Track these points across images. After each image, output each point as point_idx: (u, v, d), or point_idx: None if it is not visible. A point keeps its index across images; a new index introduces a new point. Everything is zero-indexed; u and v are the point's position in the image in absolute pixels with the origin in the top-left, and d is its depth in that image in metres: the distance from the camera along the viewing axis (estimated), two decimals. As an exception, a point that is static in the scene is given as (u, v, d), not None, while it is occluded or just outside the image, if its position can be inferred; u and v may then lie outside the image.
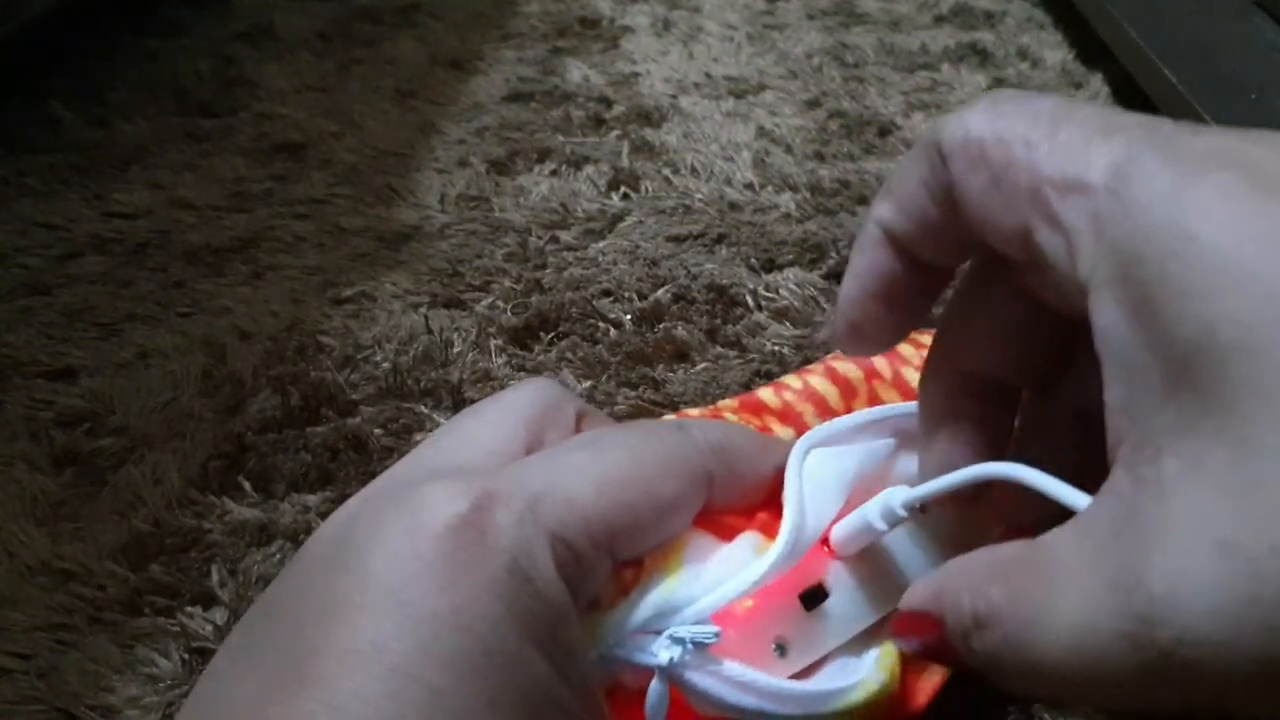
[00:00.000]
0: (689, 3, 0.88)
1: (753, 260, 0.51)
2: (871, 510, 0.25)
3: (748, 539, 0.26)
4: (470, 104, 0.70)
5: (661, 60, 0.77)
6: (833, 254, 0.51)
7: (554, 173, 0.60)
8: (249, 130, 0.65)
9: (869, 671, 0.26)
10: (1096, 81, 0.71)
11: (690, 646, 0.23)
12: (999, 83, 0.72)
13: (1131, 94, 0.67)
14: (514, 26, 0.83)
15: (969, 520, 0.27)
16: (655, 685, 0.23)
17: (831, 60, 0.76)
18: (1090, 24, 0.75)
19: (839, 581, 0.27)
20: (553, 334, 0.46)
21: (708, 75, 0.74)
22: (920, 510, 0.25)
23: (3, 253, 0.53)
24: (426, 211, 0.56)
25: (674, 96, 0.70)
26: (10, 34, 0.65)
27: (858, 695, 0.25)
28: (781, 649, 0.26)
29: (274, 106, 0.68)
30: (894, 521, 0.25)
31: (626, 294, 0.49)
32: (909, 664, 0.27)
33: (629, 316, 0.47)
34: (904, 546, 0.27)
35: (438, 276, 0.50)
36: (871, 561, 0.27)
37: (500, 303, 0.48)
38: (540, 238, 0.53)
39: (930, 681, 0.27)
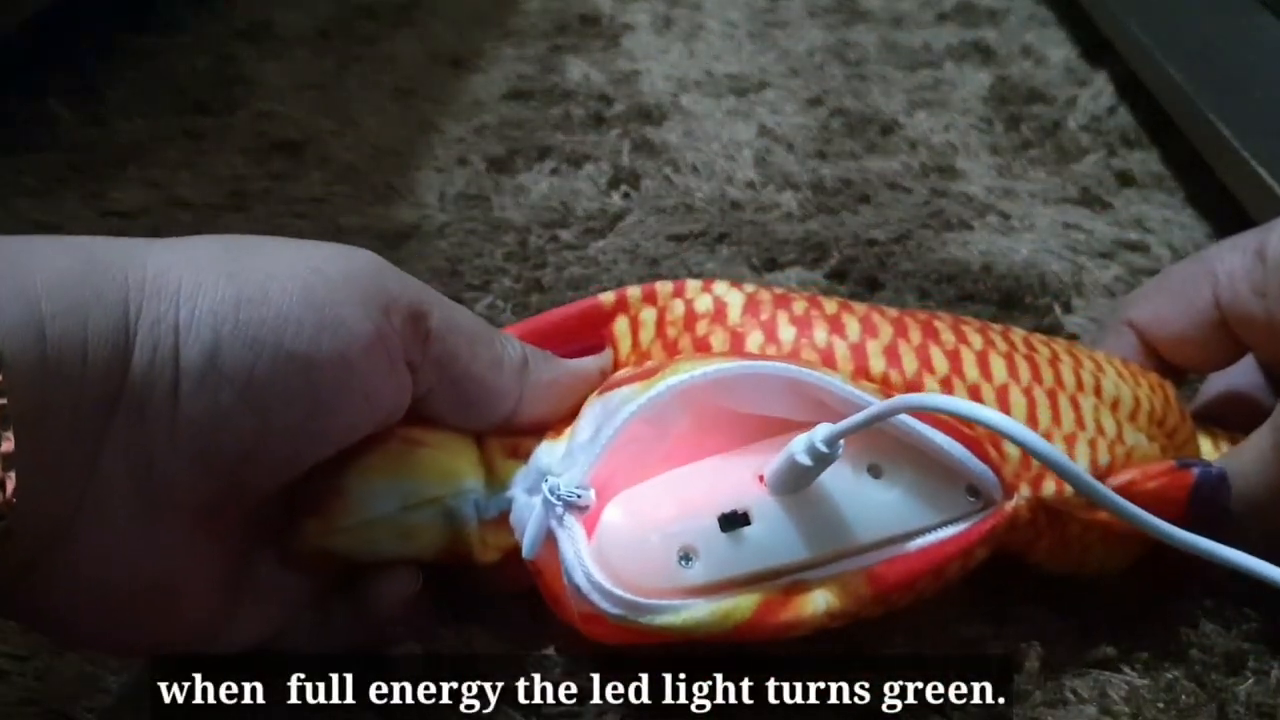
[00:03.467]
0: (690, 0, 0.88)
1: (754, 259, 0.51)
2: (797, 445, 0.26)
3: (625, 390, 0.28)
4: (470, 102, 0.69)
5: (662, 58, 0.76)
6: (835, 253, 0.51)
7: (554, 171, 0.60)
8: (247, 129, 0.65)
9: (700, 605, 0.26)
10: (1100, 79, 0.71)
11: (560, 501, 0.26)
12: (1002, 80, 0.72)
13: (1135, 92, 0.67)
14: (514, 24, 0.83)
15: (928, 486, 0.28)
16: (528, 518, 0.28)
17: (833, 58, 0.76)
18: (1094, 21, 0.75)
19: (765, 514, 0.27)
20: (553, 333, 0.46)
21: (709, 73, 0.74)
22: (876, 476, 0.28)
23: None
24: (425, 210, 0.56)
25: (675, 94, 0.70)
26: (8, 31, 0.65)
27: (674, 620, 0.26)
28: (687, 559, 0.27)
29: (272, 105, 0.68)
30: (817, 456, 0.26)
31: (627, 293, 0.48)
32: (776, 598, 0.27)
33: (630, 316, 0.47)
34: (862, 505, 0.28)
35: (437, 276, 0.50)
36: (814, 506, 0.27)
37: (500, 302, 0.48)
38: (540, 237, 0.53)
39: (799, 611, 0.27)
